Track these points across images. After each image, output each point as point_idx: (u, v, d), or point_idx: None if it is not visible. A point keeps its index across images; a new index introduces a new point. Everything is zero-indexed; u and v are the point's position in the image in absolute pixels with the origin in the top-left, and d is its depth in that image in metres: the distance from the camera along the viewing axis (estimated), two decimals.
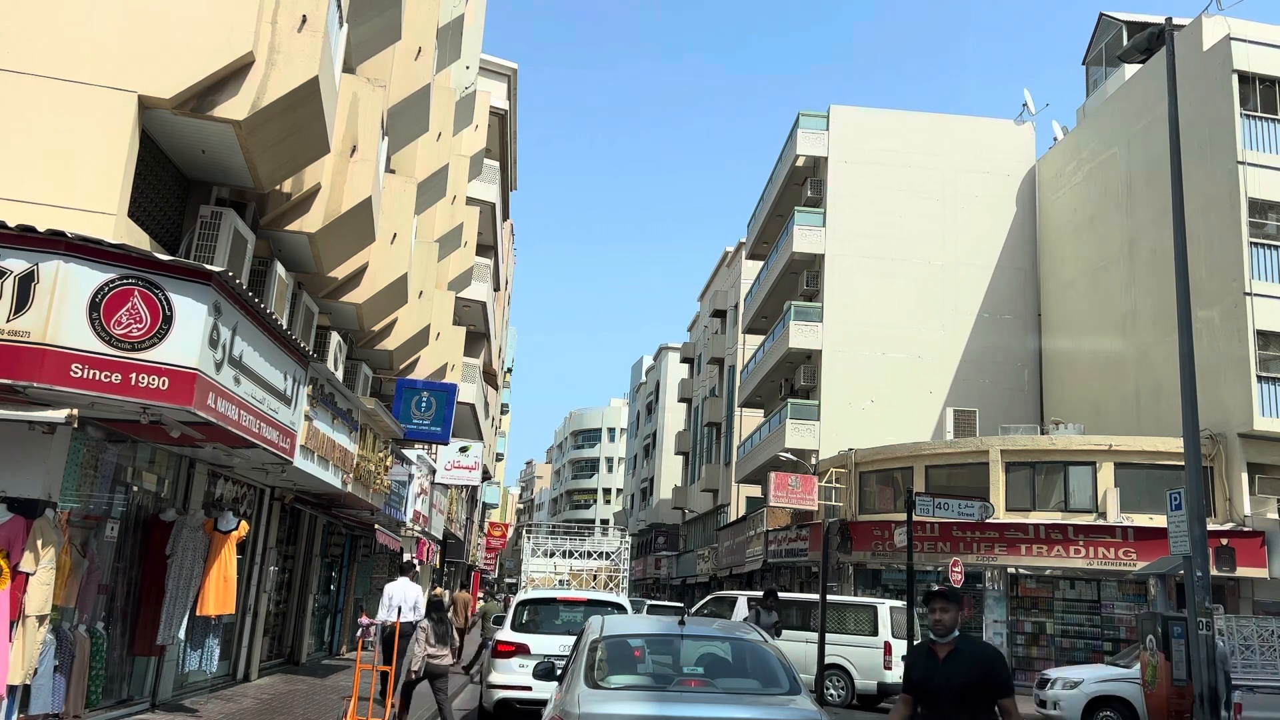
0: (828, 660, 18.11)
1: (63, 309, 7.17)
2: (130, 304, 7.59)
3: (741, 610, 19.61)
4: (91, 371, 7.21)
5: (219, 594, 10.11)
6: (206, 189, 10.63)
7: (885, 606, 19.10)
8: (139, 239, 8.90)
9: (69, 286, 7.21)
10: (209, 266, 7.93)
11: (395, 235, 15.10)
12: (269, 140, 9.84)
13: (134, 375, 7.47)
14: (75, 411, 7.21)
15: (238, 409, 8.80)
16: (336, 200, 12.03)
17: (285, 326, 11.44)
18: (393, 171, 16.18)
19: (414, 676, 11.09)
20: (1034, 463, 24.65)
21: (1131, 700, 15.14)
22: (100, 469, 8.94)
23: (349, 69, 13.46)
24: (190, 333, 7.72)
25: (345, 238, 12.73)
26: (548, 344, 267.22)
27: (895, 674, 18.14)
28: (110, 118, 8.55)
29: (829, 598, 20.78)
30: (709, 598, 22.43)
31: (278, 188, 11.49)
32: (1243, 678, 13.32)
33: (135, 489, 9.82)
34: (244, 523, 10.51)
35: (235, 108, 9.10)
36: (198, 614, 10.05)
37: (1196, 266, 24.85)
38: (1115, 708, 15.23)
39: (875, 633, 18.67)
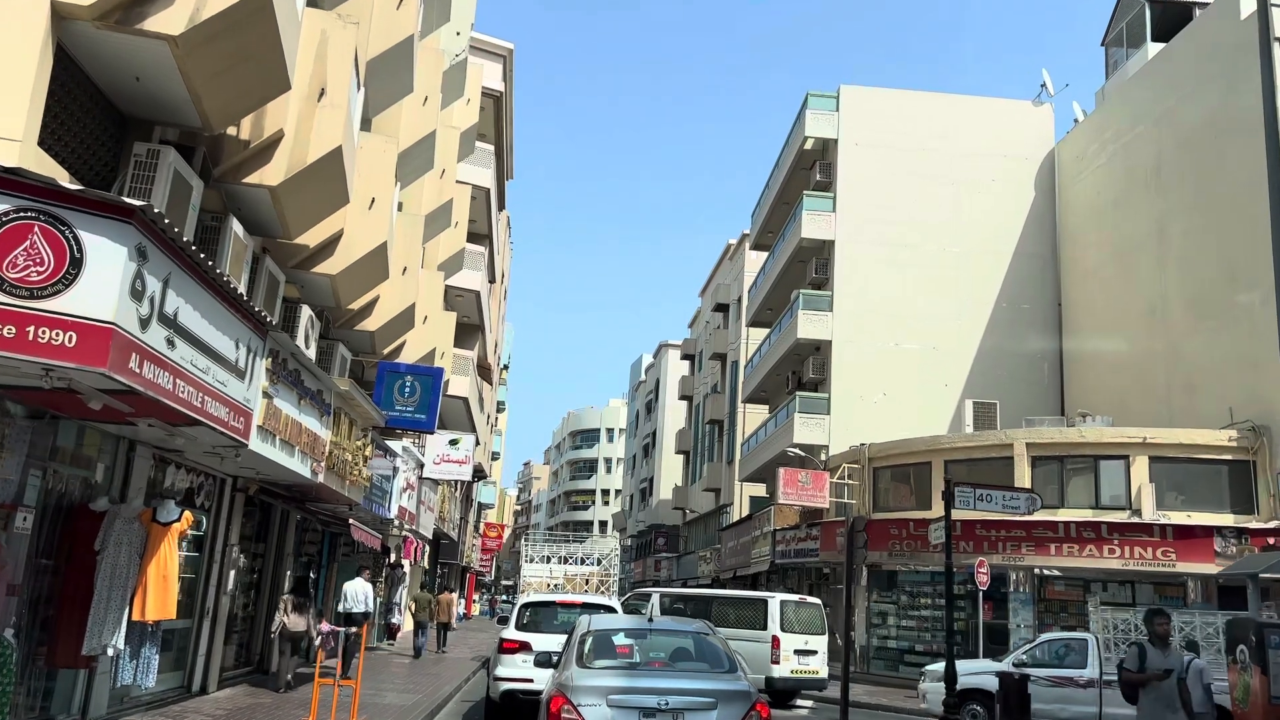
0: None
1: None
2: (29, 242, 6.30)
3: (656, 604, 20.24)
4: None
5: (158, 596, 8.70)
6: (148, 129, 9.24)
7: (776, 601, 18.93)
8: (54, 174, 7.49)
9: None
10: (129, 200, 6.55)
11: (374, 200, 13.70)
12: (214, 67, 8.44)
13: (31, 328, 6.18)
14: None
15: (172, 376, 7.40)
16: (302, 150, 10.62)
17: (245, 295, 10.05)
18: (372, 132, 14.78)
19: (273, 636, 13.42)
20: (1062, 456, 23.15)
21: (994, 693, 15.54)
22: (9, 447, 7.53)
23: (317, 5, 12.07)
24: (105, 279, 6.41)
25: (314, 194, 11.32)
26: (546, 344, 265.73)
27: (782, 669, 17.98)
28: (16, 27, 7.18)
29: (723, 593, 21.43)
30: (630, 593, 23.31)
31: (232, 132, 10.09)
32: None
33: (56, 473, 8.41)
34: (188, 513, 9.08)
35: (169, 21, 7.72)
36: (132, 619, 8.64)
37: (1235, 248, 23.45)
38: (980, 700, 15.67)
39: (765, 627, 18.49)
